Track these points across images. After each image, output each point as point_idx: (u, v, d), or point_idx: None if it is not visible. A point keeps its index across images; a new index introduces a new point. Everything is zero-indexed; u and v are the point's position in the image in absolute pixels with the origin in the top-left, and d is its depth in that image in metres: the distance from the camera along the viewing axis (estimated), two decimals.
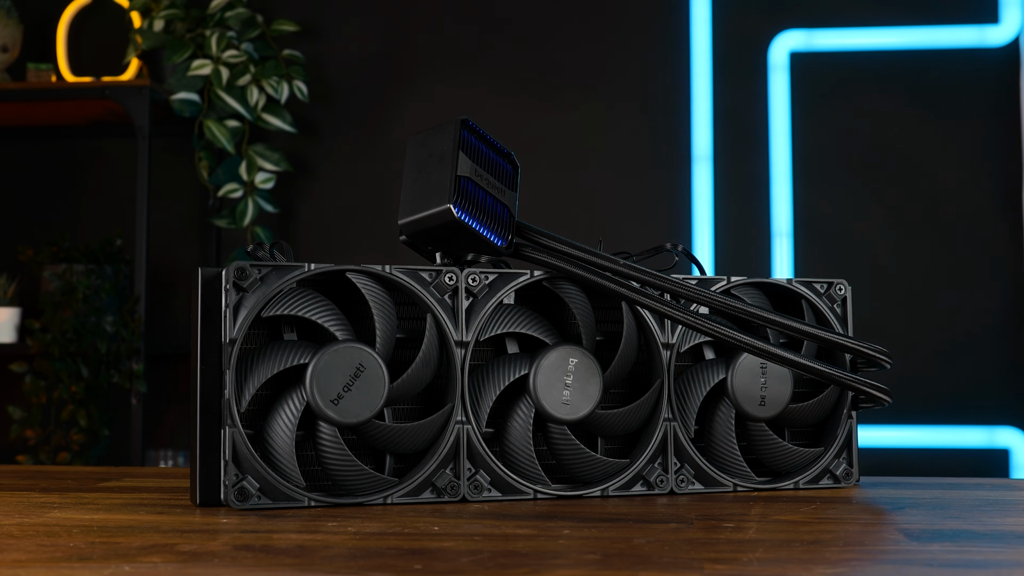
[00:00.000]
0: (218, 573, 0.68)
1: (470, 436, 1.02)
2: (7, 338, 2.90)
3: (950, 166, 2.95)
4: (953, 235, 2.94)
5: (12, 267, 3.05)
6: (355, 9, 3.17)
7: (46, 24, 3.17)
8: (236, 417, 0.96)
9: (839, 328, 1.15)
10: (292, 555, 0.74)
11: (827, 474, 1.13)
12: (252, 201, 2.92)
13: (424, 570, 0.69)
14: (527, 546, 0.77)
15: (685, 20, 3.05)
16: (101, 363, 2.79)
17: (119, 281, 2.87)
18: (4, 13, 3.02)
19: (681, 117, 3.04)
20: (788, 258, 2.97)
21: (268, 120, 2.94)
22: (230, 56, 2.89)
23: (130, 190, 2.91)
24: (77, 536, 0.81)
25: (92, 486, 1.14)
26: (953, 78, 2.97)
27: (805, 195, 2.99)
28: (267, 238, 2.92)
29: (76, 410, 2.74)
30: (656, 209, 3.04)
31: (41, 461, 2.74)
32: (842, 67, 3.02)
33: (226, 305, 0.97)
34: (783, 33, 3.02)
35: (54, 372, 2.74)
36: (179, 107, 2.87)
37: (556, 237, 1.06)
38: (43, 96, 2.90)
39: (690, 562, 0.71)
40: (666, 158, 3.04)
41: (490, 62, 3.12)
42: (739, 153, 3.02)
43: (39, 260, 2.88)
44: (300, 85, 2.96)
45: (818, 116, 3.01)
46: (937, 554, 0.74)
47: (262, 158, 2.95)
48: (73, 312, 2.78)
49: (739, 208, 3.00)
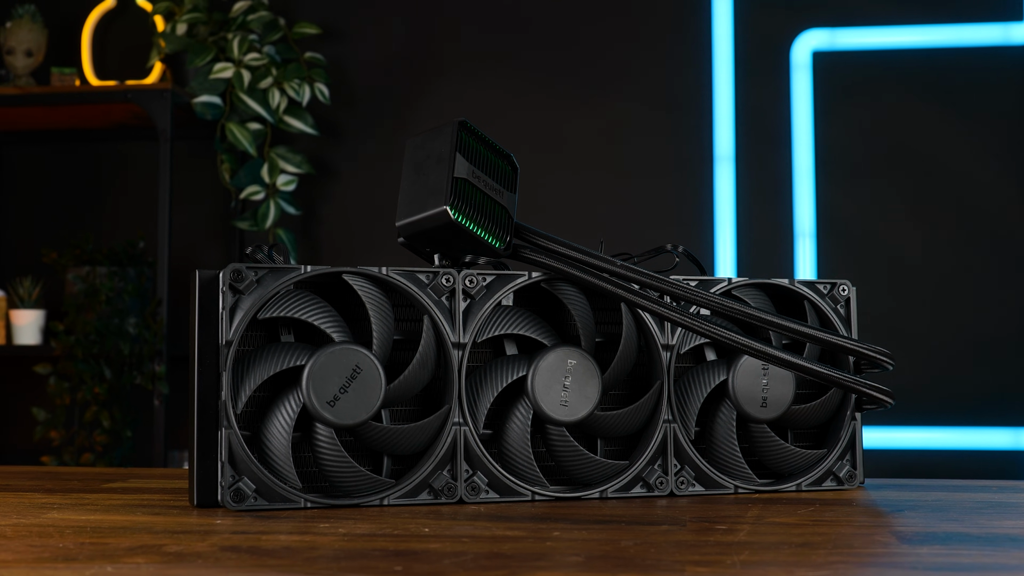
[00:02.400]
0: (199, 574, 0.68)
1: (467, 438, 1.02)
2: (32, 340, 2.93)
3: (975, 165, 2.93)
4: (978, 234, 2.92)
5: (37, 270, 3.08)
6: (377, 12, 3.17)
7: (70, 29, 3.19)
8: (232, 419, 0.96)
9: (842, 329, 1.14)
10: (276, 556, 0.74)
11: (830, 476, 1.13)
12: (274, 203, 2.93)
13: (404, 572, 0.69)
14: (513, 548, 0.77)
15: (707, 20, 3.04)
16: (124, 365, 2.81)
17: (142, 283, 2.89)
18: (29, 18, 3.04)
19: (703, 117, 3.03)
20: (811, 259, 2.95)
21: (290, 123, 2.95)
22: (252, 59, 2.91)
23: (153, 193, 2.93)
24: (68, 537, 0.82)
25: (96, 487, 1.15)
26: (977, 76, 2.94)
27: (828, 195, 2.97)
28: (289, 240, 2.94)
29: (99, 411, 2.77)
30: (678, 210, 3.03)
31: (65, 462, 2.77)
32: (865, 66, 3.00)
33: (222, 307, 0.97)
34: (805, 32, 3.01)
35: (77, 374, 2.76)
36: (201, 110, 2.89)
37: (555, 239, 1.05)
38: (66, 100, 2.93)
39: (672, 564, 0.71)
40: (688, 159, 3.03)
41: (512, 64, 3.12)
42: (762, 153, 3.01)
43: (63, 263, 2.90)
44: (322, 88, 2.97)
45: (841, 115, 2.99)
46: (925, 557, 0.74)
47: (284, 160, 2.96)
48: (96, 314, 2.80)
49: (762, 208, 2.99)
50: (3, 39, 3.05)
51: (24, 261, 3.19)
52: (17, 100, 2.94)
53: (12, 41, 3.03)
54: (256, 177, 2.94)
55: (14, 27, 3.04)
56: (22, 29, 3.03)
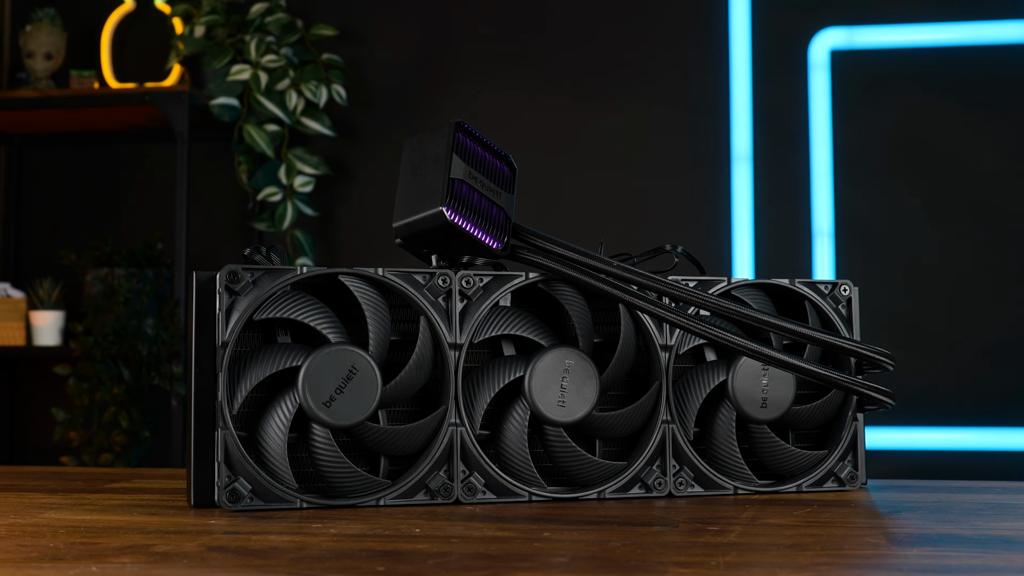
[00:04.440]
0: (181, 574, 0.68)
1: (464, 438, 1.02)
2: (52, 341, 2.95)
3: (995, 164, 2.90)
4: (997, 234, 2.89)
5: (57, 271, 3.10)
6: (394, 13, 3.18)
7: (89, 32, 3.21)
8: (228, 419, 0.97)
9: (844, 330, 1.13)
10: (261, 556, 0.74)
11: (831, 477, 1.12)
12: (291, 204, 2.94)
13: (386, 572, 0.69)
14: (500, 548, 0.77)
15: (724, 19, 3.03)
16: (142, 365, 2.82)
17: (160, 284, 2.90)
18: (48, 22, 3.06)
19: (721, 117, 3.02)
20: (830, 258, 2.94)
21: (307, 124, 2.96)
22: (269, 61, 2.92)
23: (171, 194, 2.94)
24: (61, 537, 0.82)
25: (99, 487, 1.16)
26: (997, 74, 2.92)
27: (847, 195, 2.96)
28: (307, 241, 2.94)
29: (118, 412, 2.78)
30: (696, 210, 3.02)
31: (84, 462, 2.78)
32: (884, 65, 2.98)
33: (219, 308, 0.98)
34: (823, 31, 2.99)
35: (96, 374, 2.78)
36: (219, 112, 2.90)
37: (553, 239, 1.05)
38: (86, 103, 2.95)
39: (656, 565, 0.71)
40: (706, 158, 3.03)
41: (529, 64, 3.12)
42: (779, 153, 2.99)
43: (82, 264, 2.92)
44: (339, 89, 2.98)
45: (860, 115, 2.98)
46: (912, 559, 0.73)
47: (301, 162, 2.97)
48: (114, 315, 2.82)
49: (779, 208, 2.98)
50: (23, 42, 3.07)
51: (44, 263, 3.21)
52: (37, 103, 2.96)
53: (32, 44, 3.06)
54: (273, 178, 2.95)
55: (34, 31, 3.06)
56: (42, 32, 3.06)
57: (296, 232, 2.95)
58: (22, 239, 3.29)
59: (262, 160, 3.01)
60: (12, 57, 3.29)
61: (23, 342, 2.96)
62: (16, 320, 2.96)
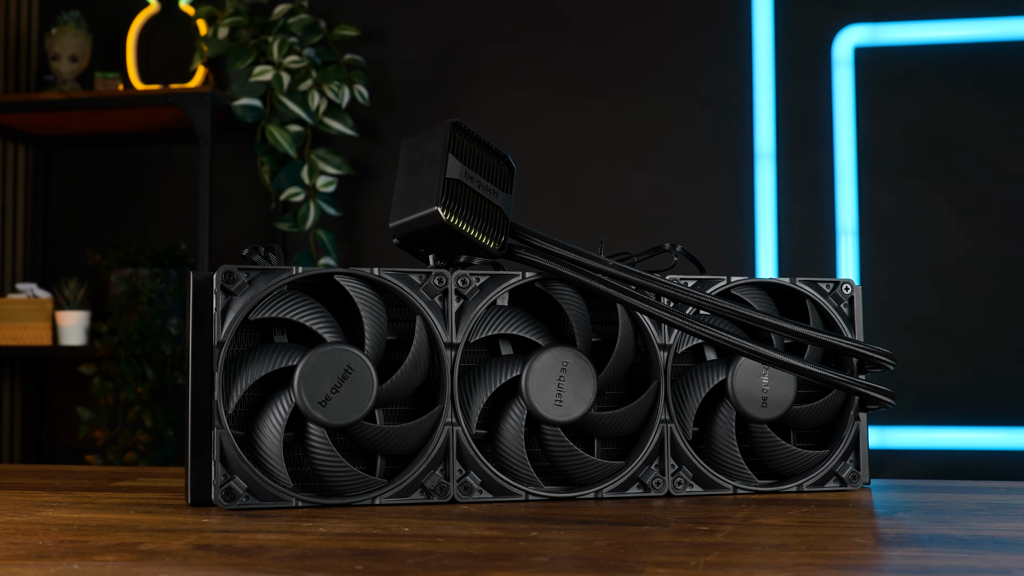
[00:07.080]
0: (162, 572, 0.69)
1: (460, 437, 1.02)
2: (77, 341, 2.97)
3: (1020, 161, 2.88)
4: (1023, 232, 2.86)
5: (82, 271, 3.13)
6: (416, 13, 3.19)
7: (114, 34, 3.24)
8: (223, 418, 0.97)
9: (846, 329, 1.12)
10: (244, 555, 0.75)
11: (833, 477, 1.11)
12: (314, 204, 2.95)
13: (364, 571, 0.69)
14: (484, 548, 0.77)
15: (747, 17, 3.02)
16: (165, 365, 2.84)
17: (183, 284, 2.92)
18: (73, 24, 3.09)
19: (744, 115, 3.01)
20: (854, 257, 2.92)
21: (330, 124, 2.97)
22: (292, 62, 2.93)
23: (194, 195, 2.96)
24: (52, 535, 0.83)
25: (103, 485, 1.17)
26: (1023, 70, 2.89)
27: (871, 192, 2.94)
28: (329, 241, 2.95)
29: (142, 411, 2.81)
30: (719, 208, 3.01)
31: (109, 461, 2.81)
32: (908, 61, 2.96)
33: (215, 308, 0.98)
34: (847, 28, 2.97)
35: (120, 374, 2.80)
36: (241, 113, 2.91)
37: (550, 239, 1.05)
38: (110, 104, 2.97)
39: (635, 565, 0.71)
40: (728, 157, 3.01)
41: (551, 63, 3.12)
42: (803, 151, 2.98)
43: (107, 264, 2.95)
44: (361, 89, 2.98)
45: (884, 112, 2.95)
46: (896, 559, 0.73)
47: (324, 162, 2.98)
48: (138, 315, 2.84)
49: (803, 206, 2.96)
50: (49, 45, 3.10)
51: (70, 263, 3.24)
52: (62, 105, 2.99)
53: (57, 47, 3.08)
54: (296, 179, 2.96)
55: (59, 33, 3.09)
56: (67, 35, 3.08)
57: (319, 232, 2.96)
58: (49, 240, 3.32)
59: (285, 160, 3.02)
60: (39, 60, 3.32)
61: (49, 342, 2.99)
62: (43, 320, 2.99)
